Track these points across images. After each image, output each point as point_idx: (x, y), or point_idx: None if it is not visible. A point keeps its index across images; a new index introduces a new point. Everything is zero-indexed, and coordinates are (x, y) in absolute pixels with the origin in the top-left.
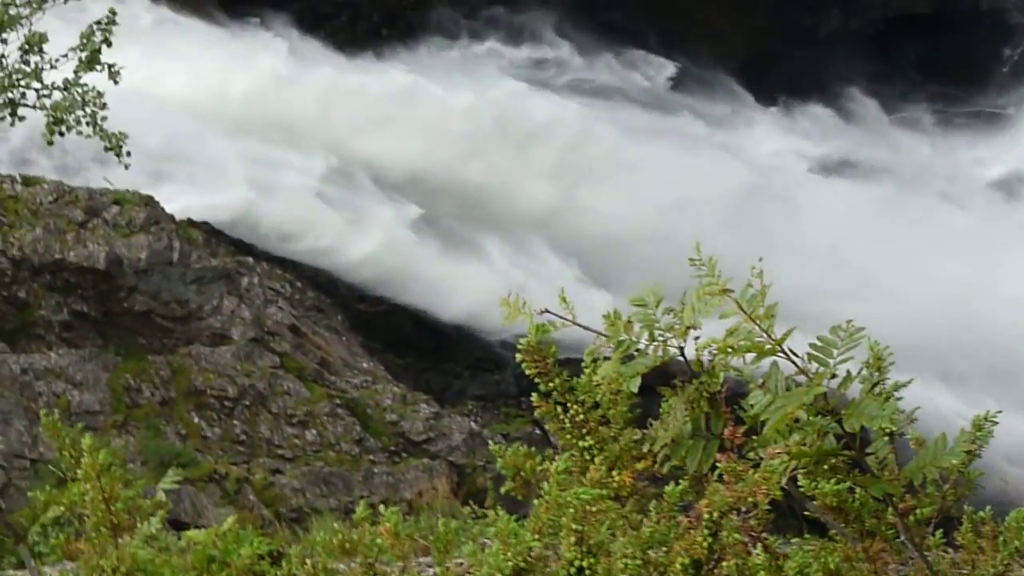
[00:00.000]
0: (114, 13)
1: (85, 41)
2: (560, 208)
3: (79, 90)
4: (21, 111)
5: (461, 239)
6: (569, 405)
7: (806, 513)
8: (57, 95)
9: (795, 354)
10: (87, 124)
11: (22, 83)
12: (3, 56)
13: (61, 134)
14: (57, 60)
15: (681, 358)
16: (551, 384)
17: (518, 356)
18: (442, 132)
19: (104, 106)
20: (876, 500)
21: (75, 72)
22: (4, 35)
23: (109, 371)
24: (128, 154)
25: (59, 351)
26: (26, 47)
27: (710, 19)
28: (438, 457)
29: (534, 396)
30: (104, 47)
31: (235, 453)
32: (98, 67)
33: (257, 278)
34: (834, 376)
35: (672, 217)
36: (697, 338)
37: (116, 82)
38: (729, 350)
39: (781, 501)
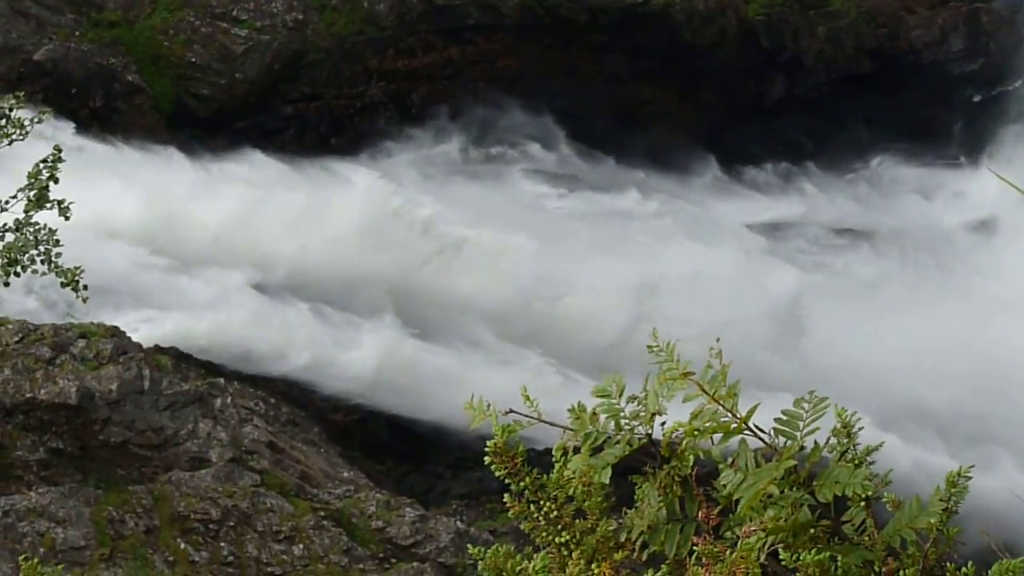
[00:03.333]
0: (59, 150)
1: (32, 180)
2: (531, 303)
3: (31, 229)
4: None
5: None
6: (542, 503)
7: None
8: (10, 236)
9: (762, 430)
10: (42, 262)
11: None
12: None
13: (16, 274)
14: (7, 202)
15: (650, 444)
16: (522, 484)
17: (486, 459)
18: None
19: (57, 243)
20: (858, 567)
21: (25, 212)
22: None
23: (91, 505)
24: (85, 287)
25: (39, 490)
26: None
27: (659, 97)
28: (427, 560)
29: (506, 497)
30: (51, 184)
31: (224, 575)
32: (47, 205)
33: (230, 398)
34: (802, 448)
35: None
36: (663, 423)
37: (67, 218)
38: (696, 432)
39: None
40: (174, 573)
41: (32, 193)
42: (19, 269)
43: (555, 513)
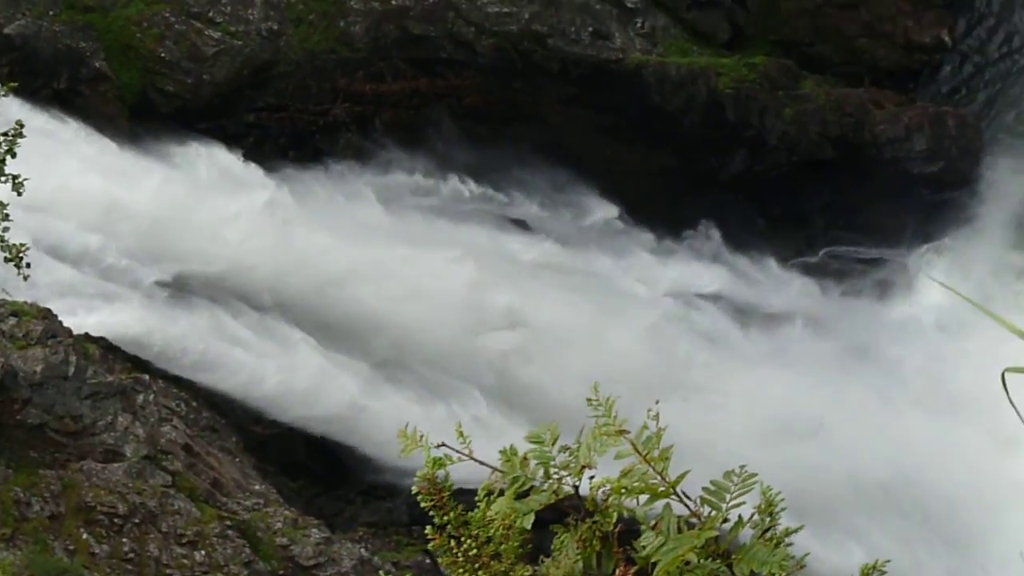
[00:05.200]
0: (21, 125)
1: None
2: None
3: None
4: None
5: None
6: (463, 539)
7: None
8: None
9: (688, 497)
10: None
11: None
12: None
13: None
14: None
15: (576, 496)
16: (446, 517)
17: (414, 489)
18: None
19: (7, 217)
20: None
21: None
22: None
23: None
24: (28, 266)
25: None
26: None
27: (619, 156)
28: None
29: (428, 528)
30: (9, 158)
31: (123, 571)
32: (2, 178)
33: (152, 396)
34: (726, 520)
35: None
36: (592, 477)
37: (19, 193)
38: (623, 490)
39: None
40: (73, 563)
41: None
42: None
43: (475, 551)
